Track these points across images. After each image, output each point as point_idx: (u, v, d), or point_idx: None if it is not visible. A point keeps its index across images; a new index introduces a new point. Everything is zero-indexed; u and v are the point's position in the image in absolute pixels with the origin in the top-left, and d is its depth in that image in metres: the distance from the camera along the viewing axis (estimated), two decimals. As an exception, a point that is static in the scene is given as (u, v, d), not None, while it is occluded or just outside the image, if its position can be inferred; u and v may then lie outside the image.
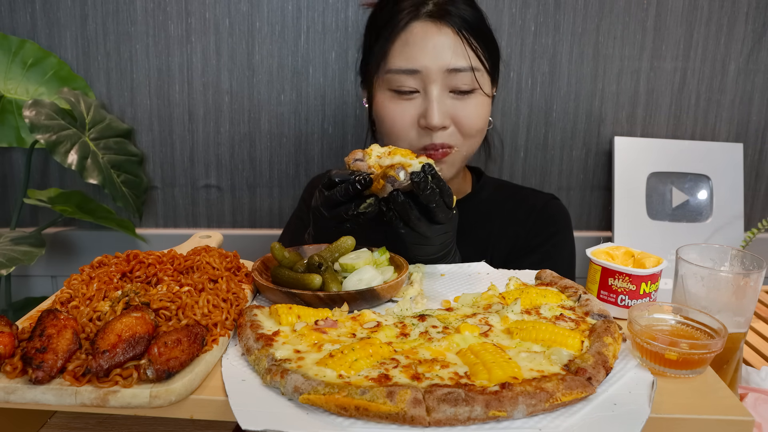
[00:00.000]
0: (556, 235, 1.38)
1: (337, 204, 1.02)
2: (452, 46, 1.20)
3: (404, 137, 1.26)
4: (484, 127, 1.29)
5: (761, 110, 1.84)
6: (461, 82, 1.22)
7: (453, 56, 1.20)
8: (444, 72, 1.21)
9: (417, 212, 0.98)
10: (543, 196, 1.45)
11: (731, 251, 0.99)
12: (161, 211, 1.87)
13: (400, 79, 1.23)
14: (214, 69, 1.76)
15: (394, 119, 1.25)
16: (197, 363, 0.71)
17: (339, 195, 1.01)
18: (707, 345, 0.74)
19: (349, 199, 1.01)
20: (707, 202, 1.83)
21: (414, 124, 1.24)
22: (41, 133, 1.56)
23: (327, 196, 1.03)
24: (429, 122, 1.21)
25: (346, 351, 0.72)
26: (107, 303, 0.80)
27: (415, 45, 1.21)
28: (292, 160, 1.84)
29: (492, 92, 1.32)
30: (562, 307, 0.88)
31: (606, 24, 1.75)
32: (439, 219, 1.00)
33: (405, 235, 1.02)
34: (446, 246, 1.09)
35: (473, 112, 1.24)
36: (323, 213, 1.05)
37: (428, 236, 1.02)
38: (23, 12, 1.70)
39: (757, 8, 1.76)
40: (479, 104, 1.25)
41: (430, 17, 1.21)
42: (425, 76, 1.21)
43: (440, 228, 1.03)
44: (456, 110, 1.23)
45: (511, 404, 0.63)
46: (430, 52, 1.20)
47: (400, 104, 1.24)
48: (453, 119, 1.24)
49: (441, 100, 1.22)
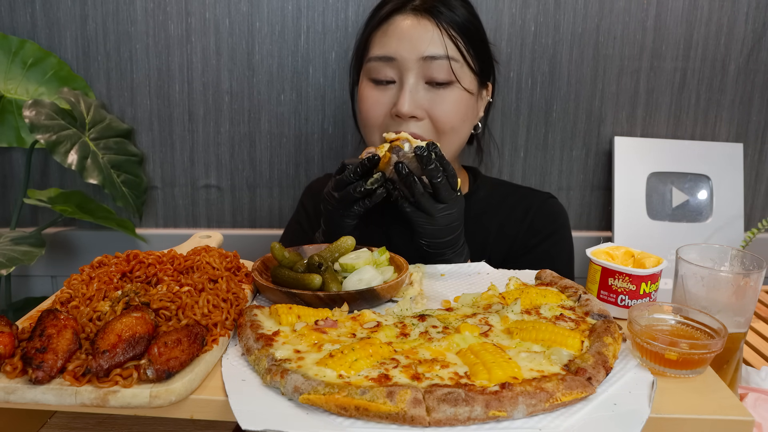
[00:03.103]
0: (554, 234, 1.37)
1: (347, 184, 1.08)
2: (430, 35, 1.20)
3: (376, 125, 1.26)
4: (460, 126, 1.26)
5: (761, 110, 1.84)
6: (437, 72, 1.21)
7: (429, 44, 1.20)
8: (419, 60, 1.20)
9: (421, 186, 1.04)
10: (540, 195, 1.44)
11: (731, 251, 0.99)
12: (161, 211, 1.87)
13: (378, 67, 1.24)
14: (214, 69, 1.76)
15: (368, 107, 1.26)
16: (197, 363, 0.71)
17: (349, 175, 1.08)
18: (707, 345, 0.74)
19: (357, 178, 1.07)
20: (707, 202, 1.83)
21: (387, 113, 1.24)
22: (41, 133, 1.56)
23: (338, 178, 1.10)
24: (399, 109, 1.20)
25: (346, 351, 0.72)
26: (107, 303, 0.80)
27: (393, 34, 1.22)
28: (292, 160, 1.84)
29: (480, 94, 1.31)
30: (562, 307, 0.88)
31: (606, 24, 1.75)
32: (443, 197, 1.06)
33: (411, 214, 1.07)
34: (452, 230, 1.11)
35: (448, 106, 1.22)
36: (333, 195, 1.11)
37: (432, 214, 1.06)
38: (23, 12, 1.70)
39: (757, 8, 1.76)
40: (456, 99, 1.23)
41: (414, 11, 1.23)
42: (401, 64, 1.21)
43: (444, 207, 1.07)
44: (430, 102, 1.22)
45: (511, 404, 0.64)
46: (407, 41, 1.21)
47: (376, 93, 1.25)
48: (427, 112, 1.22)
49: (414, 89, 1.21)
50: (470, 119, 1.30)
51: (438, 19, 1.21)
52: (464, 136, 1.30)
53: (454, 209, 1.09)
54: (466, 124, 1.28)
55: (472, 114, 1.29)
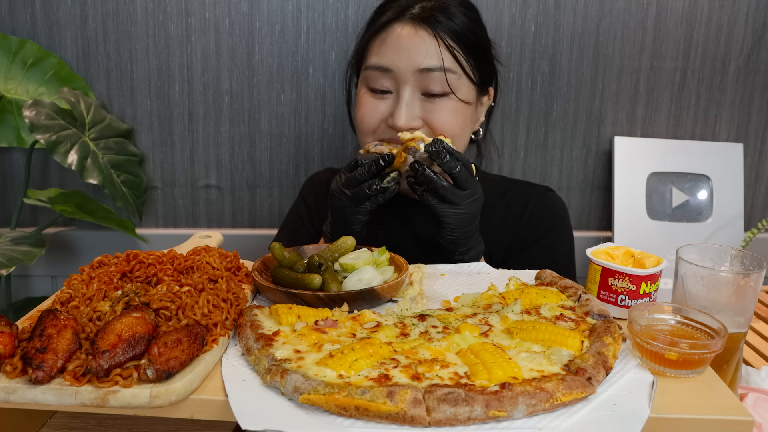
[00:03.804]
0: (554, 228, 1.37)
1: (360, 182, 1.11)
2: (426, 46, 1.20)
3: (371, 132, 1.26)
4: (459, 133, 1.26)
5: (761, 110, 1.84)
6: (433, 84, 1.20)
7: (426, 57, 1.19)
8: (416, 72, 1.20)
9: (443, 181, 1.08)
10: (538, 189, 1.44)
11: (731, 251, 0.99)
12: (161, 211, 1.87)
13: (375, 76, 1.24)
14: (214, 69, 1.76)
15: (363, 115, 1.26)
16: (197, 363, 0.71)
17: (363, 173, 1.11)
18: (707, 345, 0.74)
19: (371, 176, 1.11)
20: (707, 202, 1.83)
21: (382, 121, 1.25)
22: (41, 133, 1.56)
23: (350, 176, 1.12)
24: (395, 123, 1.20)
25: (346, 351, 0.72)
26: (107, 303, 0.80)
27: (391, 44, 1.22)
28: (292, 160, 1.84)
29: (480, 100, 1.31)
30: (562, 307, 0.88)
31: (606, 24, 1.75)
32: (465, 185, 1.10)
33: (438, 207, 1.10)
34: (474, 218, 1.14)
35: (445, 115, 1.22)
36: (345, 192, 1.13)
37: (458, 203, 1.10)
38: (23, 12, 1.70)
39: (757, 8, 1.75)
40: (452, 109, 1.23)
41: (412, 20, 1.21)
42: (397, 75, 1.21)
43: (468, 193, 1.11)
44: (427, 112, 1.22)
45: (511, 404, 0.64)
46: (404, 53, 1.20)
47: (372, 101, 1.25)
48: (424, 121, 1.23)
49: (411, 102, 1.21)
50: (469, 126, 1.30)
51: (435, 29, 1.20)
52: (464, 143, 1.30)
53: (477, 194, 1.13)
54: (465, 131, 1.29)
55: (470, 121, 1.30)
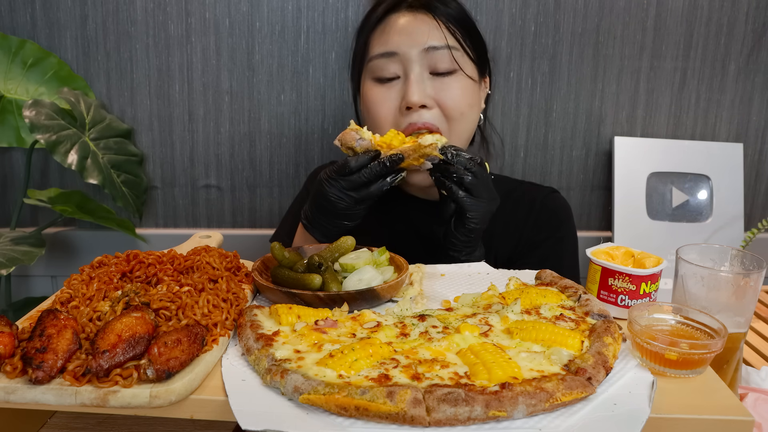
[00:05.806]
0: (559, 229, 1.38)
1: (366, 184, 1.12)
2: (428, 27, 1.23)
3: (387, 123, 1.26)
4: (468, 111, 1.27)
5: (761, 110, 1.84)
6: (440, 62, 1.23)
7: (429, 36, 1.22)
8: (421, 52, 1.22)
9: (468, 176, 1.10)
10: (542, 189, 1.44)
11: (731, 251, 0.99)
12: (161, 211, 1.87)
13: (380, 64, 1.25)
14: (214, 69, 1.76)
15: (377, 106, 1.27)
16: (197, 363, 0.71)
17: (369, 175, 1.11)
18: (707, 345, 0.74)
19: (376, 177, 1.11)
20: (707, 202, 1.83)
21: (396, 109, 1.25)
22: (41, 133, 1.56)
23: (352, 179, 1.11)
24: (409, 100, 1.21)
25: (346, 351, 0.72)
26: (107, 303, 0.79)
27: (392, 30, 1.24)
28: (292, 160, 1.84)
29: (481, 83, 1.33)
30: (562, 307, 0.88)
31: (606, 24, 1.75)
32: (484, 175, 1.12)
33: (465, 201, 1.11)
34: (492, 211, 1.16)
35: (455, 92, 1.24)
36: (350, 195, 1.12)
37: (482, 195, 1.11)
38: (23, 12, 1.70)
39: (757, 8, 1.75)
40: (462, 86, 1.25)
41: (409, 8, 1.26)
42: (403, 58, 1.23)
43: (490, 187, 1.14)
44: (437, 91, 1.24)
45: (511, 404, 0.63)
46: (407, 35, 1.23)
47: (382, 91, 1.26)
48: (436, 100, 1.24)
49: (420, 79, 1.23)
50: (476, 105, 1.31)
51: (434, 12, 1.24)
52: (473, 123, 1.31)
53: (494, 192, 1.15)
54: (474, 109, 1.30)
55: (477, 100, 1.31)
